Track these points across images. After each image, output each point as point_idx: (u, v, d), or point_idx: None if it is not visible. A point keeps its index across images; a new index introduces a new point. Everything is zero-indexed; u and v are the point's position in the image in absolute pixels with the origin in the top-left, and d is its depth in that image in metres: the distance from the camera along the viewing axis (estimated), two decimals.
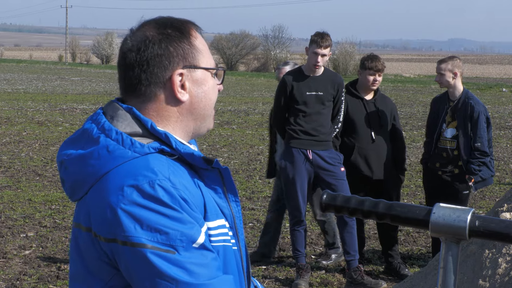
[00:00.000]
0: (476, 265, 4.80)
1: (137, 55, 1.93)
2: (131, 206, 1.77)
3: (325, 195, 1.77)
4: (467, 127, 6.85)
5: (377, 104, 7.14)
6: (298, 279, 6.83)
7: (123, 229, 1.77)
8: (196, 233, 1.79)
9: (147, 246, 1.75)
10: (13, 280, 6.92)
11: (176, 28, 1.96)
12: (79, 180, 1.89)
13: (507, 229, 1.57)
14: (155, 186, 1.78)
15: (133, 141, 1.86)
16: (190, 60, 1.96)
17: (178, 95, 1.94)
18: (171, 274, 1.75)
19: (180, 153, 1.89)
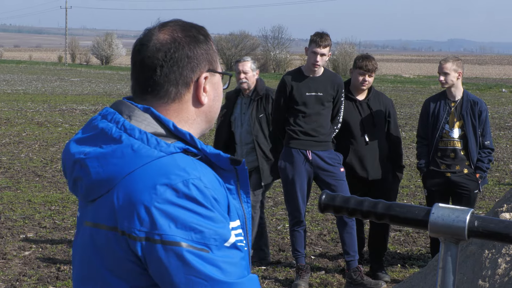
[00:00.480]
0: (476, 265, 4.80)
1: (167, 55, 1.94)
2: (166, 204, 1.77)
3: (324, 196, 1.77)
4: (475, 126, 6.85)
5: (370, 104, 7.12)
6: (298, 279, 6.82)
7: (157, 227, 1.76)
8: (228, 232, 1.81)
9: (182, 244, 1.75)
10: (12, 281, 6.92)
11: (199, 31, 2.00)
12: (99, 179, 1.87)
13: (506, 229, 1.57)
14: (189, 185, 1.79)
15: (158, 141, 1.86)
16: (213, 64, 2.00)
17: (202, 97, 1.97)
18: (206, 272, 1.75)
19: (206, 153, 1.91)
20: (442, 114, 6.92)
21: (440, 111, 6.94)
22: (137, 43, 2.01)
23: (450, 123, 6.93)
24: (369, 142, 7.05)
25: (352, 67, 7.22)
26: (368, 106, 7.11)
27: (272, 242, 8.39)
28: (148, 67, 1.95)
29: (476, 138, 6.88)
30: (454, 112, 6.92)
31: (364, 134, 7.05)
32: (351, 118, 7.07)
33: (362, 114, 7.08)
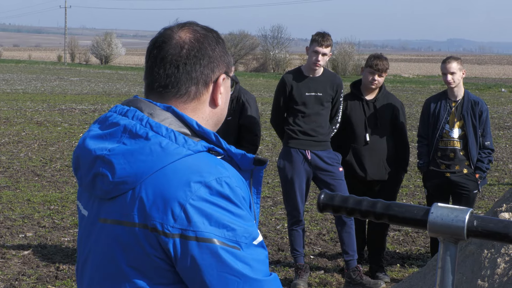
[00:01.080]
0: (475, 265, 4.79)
1: (191, 53, 1.96)
2: (200, 201, 1.79)
3: (323, 195, 1.77)
4: (476, 126, 6.86)
5: (377, 105, 7.10)
6: (297, 279, 6.82)
7: (192, 224, 1.78)
8: (256, 230, 1.84)
9: (216, 241, 1.77)
10: (11, 281, 6.92)
11: (218, 34, 2.03)
12: (125, 176, 1.86)
13: (505, 229, 1.57)
14: (222, 183, 1.81)
15: (186, 139, 1.87)
16: (229, 67, 2.04)
17: (219, 98, 2.00)
18: (239, 269, 1.77)
19: (230, 153, 1.93)
20: (443, 114, 6.93)
21: (440, 111, 6.94)
22: (157, 40, 2.00)
23: (451, 123, 6.93)
24: (370, 142, 7.04)
25: (364, 65, 7.19)
26: (374, 107, 7.09)
27: (271, 241, 8.39)
28: (170, 64, 1.96)
29: (476, 138, 6.89)
30: (454, 112, 6.92)
31: (365, 134, 7.05)
32: (354, 117, 7.06)
33: (367, 114, 7.07)
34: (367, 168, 7.03)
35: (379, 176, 7.07)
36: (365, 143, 7.05)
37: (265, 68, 61.57)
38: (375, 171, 7.05)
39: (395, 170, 7.13)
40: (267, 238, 8.54)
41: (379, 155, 7.06)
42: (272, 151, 15.17)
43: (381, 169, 7.07)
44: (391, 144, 7.12)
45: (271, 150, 15.42)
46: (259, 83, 42.72)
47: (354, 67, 54.99)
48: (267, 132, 18.20)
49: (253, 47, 64.48)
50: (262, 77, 49.94)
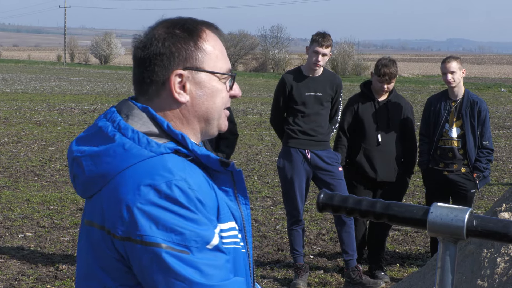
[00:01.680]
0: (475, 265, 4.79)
1: (143, 52, 1.95)
2: (148, 205, 1.78)
3: (322, 195, 1.76)
4: (474, 125, 6.86)
5: (389, 106, 7.08)
6: (297, 278, 6.82)
7: (138, 228, 1.77)
8: (211, 234, 1.80)
9: (162, 245, 1.76)
10: (11, 281, 6.92)
11: (186, 29, 1.96)
12: (92, 177, 1.89)
13: (505, 228, 1.57)
14: (172, 186, 1.79)
15: (149, 140, 1.86)
16: (192, 62, 1.95)
17: (176, 95, 1.94)
18: (185, 274, 1.75)
19: (196, 154, 1.90)
20: (443, 113, 6.94)
21: (440, 110, 6.96)
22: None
23: (450, 122, 6.93)
24: (381, 143, 7.04)
25: (373, 70, 7.12)
26: (386, 108, 7.08)
27: (271, 241, 8.39)
28: (133, 65, 1.99)
29: (474, 138, 6.89)
30: (454, 112, 6.92)
31: (377, 134, 7.04)
32: (366, 117, 7.05)
33: (378, 115, 7.05)
34: (378, 169, 7.03)
35: (389, 177, 7.08)
36: (377, 143, 7.04)
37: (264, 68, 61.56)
38: (386, 172, 7.05)
39: (402, 172, 7.13)
40: (266, 237, 8.54)
41: (389, 156, 7.06)
42: (271, 151, 15.17)
43: (391, 170, 7.07)
44: (401, 145, 7.12)
45: (271, 149, 15.42)
46: (259, 83, 42.73)
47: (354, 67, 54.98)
48: (266, 132, 18.20)
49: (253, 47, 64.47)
50: (261, 77, 49.94)
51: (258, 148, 15.80)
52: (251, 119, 21.65)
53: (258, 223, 9.24)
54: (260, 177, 12.35)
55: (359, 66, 55.15)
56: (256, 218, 9.50)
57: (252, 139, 17.25)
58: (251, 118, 21.79)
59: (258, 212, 9.80)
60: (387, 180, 7.09)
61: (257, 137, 17.51)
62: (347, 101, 7.34)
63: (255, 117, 22.21)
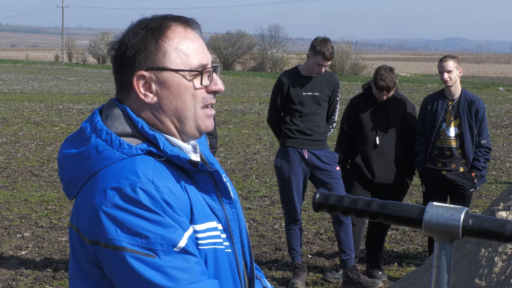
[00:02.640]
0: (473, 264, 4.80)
1: (113, 55, 1.95)
2: (113, 208, 1.77)
3: (318, 194, 1.76)
4: (472, 124, 6.86)
5: (389, 108, 7.07)
6: (295, 278, 6.83)
7: (105, 231, 1.76)
8: (178, 237, 1.78)
9: (127, 249, 1.74)
10: (9, 281, 6.91)
11: (149, 28, 1.93)
12: (71, 180, 1.90)
13: (500, 228, 1.57)
14: (136, 189, 1.77)
15: (121, 142, 1.85)
16: (154, 62, 1.91)
17: (142, 96, 1.92)
18: (149, 278, 1.74)
19: (167, 155, 1.87)
20: (440, 113, 6.94)
21: (438, 109, 6.95)
22: None
23: (447, 121, 6.93)
24: (379, 145, 7.03)
25: (372, 78, 7.04)
26: (386, 110, 7.06)
27: (269, 241, 8.39)
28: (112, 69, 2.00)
29: (472, 137, 6.89)
30: (451, 111, 6.92)
31: (375, 137, 7.03)
32: (365, 120, 7.03)
33: (378, 116, 7.04)
34: (375, 171, 7.03)
35: (386, 179, 7.07)
36: (374, 146, 7.04)
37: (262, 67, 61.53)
38: (383, 174, 7.05)
39: (402, 174, 7.12)
40: (264, 237, 8.54)
41: (387, 159, 7.05)
42: (269, 151, 15.17)
43: (389, 172, 7.07)
44: (400, 147, 7.10)
45: (269, 149, 15.42)
46: (257, 83, 42.72)
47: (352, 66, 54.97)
48: (264, 132, 18.20)
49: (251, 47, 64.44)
50: (259, 77, 49.92)
51: (256, 147, 15.80)
52: (249, 118, 21.65)
53: (256, 222, 9.24)
54: (258, 176, 12.35)
55: (357, 66, 55.16)
56: (254, 217, 9.50)
57: (250, 138, 17.25)
58: (249, 118, 21.79)
59: (256, 212, 9.80)
60: (385, 182, 7.09)
61: (255, 137, 17.51)
62: (349, 101, 7.33)
63: (253, 116, 22.21)
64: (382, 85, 6.89)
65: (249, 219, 9.44)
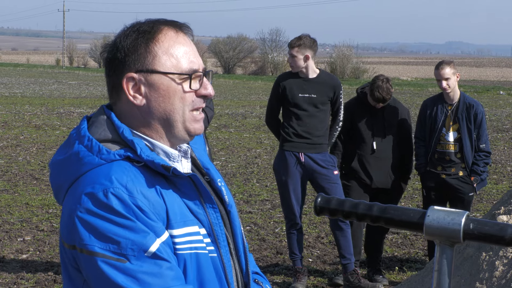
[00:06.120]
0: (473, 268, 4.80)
1: (105, 58, 1.97)
2: (86, 214, 1.79)
3: (320, 198, 1.76)
4: (471, 129, 6.86)
5: (385, 113, 7.07)
6: (295, 282, 6.82)
7: (80, 236, 1.79)
8: (149, 241, 1.78)
9: (99, 254, 1.76)
10: (10, 284, 6.92)
11: (140, 31, 1.94)
12: (58, 185, 1.93)
13: (501, 231, 1.57)
14: (108, 195, 1.79)
15: (100, 148, 1.87)
16: (144, 64, 1.92)
17: (131, 99, 1.93)
18: (120, 283, 1.75)
19: (143, 160, 1.88)
20: (440, 117, 6.94)
21: (437, 114, 6.95)
22: None
23: (447, 126, 6.94)
24: (376, 150, 7.03)
25: (369, 86, 7.01)
26: (382, 115, 7.06)
27: (270, 245, 8.39)
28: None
29: (471, 142, 6.89)
30: (450, 116, 6.93)
31: (372, 142, 7.03)
32: (362, 125, 7.03)
33: (374, 122, 7.04)
34: (373, 176, 7.03)
35: (384, 184, 7.08)
36: (372, 151, 7.04)
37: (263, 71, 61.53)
38: (381, 179, 7.06)
39: (398, 178, 7.13)
40: (265, 241, 8.54)
41: (385, 163, 7.06)
42: (270, 154, 15.17)
43: (387, 177, 7.08)
44: (397, 152, 7.11)
45: (270, 153, 15.42)
46: (258, 86, 42.73)
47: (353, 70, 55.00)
48: (265, 135, 18.20)
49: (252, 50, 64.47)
50: (260, 80, 49.92)
51: (257, 151, 15.80)
52: (250, 122, 21.65)
53: (257, 226, 9.24)
54: (259, 180, 12.35)
55: (358, 69, 55.18)
56: (255, 221, 9.50)
57: (251, 142, 17.25)
58: (250, 121, 21.79)
59: (257, 216, 9.80)
60: (382, 187, 7.09)
61: (256, 140, 17.51)
62: (344, 105, 7.31)
63: (254, 120, 22.21)
64: (378, 97, 6.90)
65: (250, 222, 9.44)
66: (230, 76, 56.07)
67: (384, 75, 7.17)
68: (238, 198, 10.82)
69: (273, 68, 60.84)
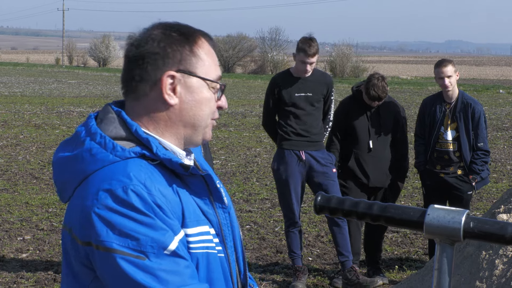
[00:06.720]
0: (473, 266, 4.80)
1: (136, 50, 1.93)
2: (104, 210, 1.78)
3: (320, 197, 1.76)
4: (469, 128, 6.86)
5: (381, 112, 7.07)
6: (295, 281, 6.83)
7: (96, 233, 1.77)
8: (168, 239, 1.78)
9: (117, 251, 1.76)
10: (10, 283, 6.92)
11: (182, 33, 1.95)
12: (64, 182, 1.91)
13: (501, 230, 1.57)
14: (128, 191, 1.79)
15: (114, 145, 1.86)
16: (186, 65, 1.93)
17: (166, 96, 1.92)
18: (139, 280, 1.75)
19: (159, 158, 1.88)
20: (438, 116, 6.94)
21: (436, 113, 6.96)
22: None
23: (445, 125, 6.94)
24: (373, 149, 7.02)
25: (364, 85, 7.00)
26: (377, 113, 7.06)
27: (270, 243, 8.40)
28: (124, 63, 1.98)
29: (469, 140, 6.89)
30: (448, 114, 6.93)
31: (369, 141, 7.03)
32: (358, 123, 7.02)
33: (370, 121, 7.03)
34: (370, 175, 7.03)
35: (380, 183, 7.08)
36: (368, 149, 7.03)
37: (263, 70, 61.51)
38: (378, 178, 7.05)
39: (395, 177, 7.13)
40: (265, 240, 8.55)
41: (382, 162, 7.05)
42: (270, 153, 15.17)
43: (383, 176, 7.07)
44: (393, 150, 7.11)
45: (269, 152, 15.42)
46: (257, 85, 42.72)
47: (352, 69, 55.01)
48: (265, 134, 18.19)
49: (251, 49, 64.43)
50: (260, 79, 49.92)
51: (256, 150, 15.80)
52: (249, 121, 21.66)
53: (256, 225, 9.24)
54: (258, 179, 12.35)
55: (357, 68, 55.18)
56: (255, 220, 9.50)
57: (250, 141, 17.25)
58: (249, 120, 21.80)
59: (257, 214, 9.81)
60: (379, 186, 7.09)
61: (255, 139, 17.52)
62: (339, 104, 7.31)
63: (253, 119, 22.21)
64: (373, 95, 6.88)
65: (250, 221, 9.44)
66: (230, 75, 56.05)
67: (379, 73, 7.14)
68: (238, 197, 10.82)
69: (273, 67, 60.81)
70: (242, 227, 9.11)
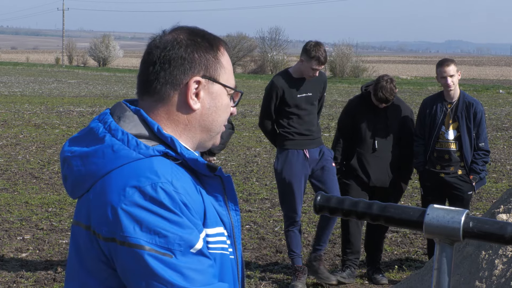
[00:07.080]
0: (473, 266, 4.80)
1: (162, 53, 1.94)
2: (132, 207, 1.78)
3: (319, 197, 1.77)
4: (470, 127, 6.86)
5: (388, 113, 7.07)
6: (295, 280, 6.83)
7: (122, 229, 1.77)
8: (195, 238, 1.79)
9: (145, 247, 1.75)
10: (9, 283, 6.92)
11: (206, 39, 1.98)
12: (81, 178, 1.90)
13: (501, 230, 1.57)
14: (157, 189, 1.79)
15: (138, 142, 1.86)
16: (211, 72, 1.96)
17: (190, 101, 1.94)
18: (166, 277, 1.75)
19: (184, 158, 1.90)
20: (439, 116, 6.94)
21: (437, 112, 6.95)
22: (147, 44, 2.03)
23: (446, 124, 6.93)
24: (378, 150, 7.02)
25: (373, 86, 6.99)
26: (385, 114, 7.05)
27: (269, 243, 8.40)
28: (146, 64, 1.97)
29: (470, 140, 6.89)
30: (449, 114, 6.92)
31: (374, 141, 7.02)
32: (364, 124, 7.01)
33: (377, 121, 7.03)
34: (371, 174, 7.03)
35: (382, 183, 7.08)
36: (372, 150, 7.03)
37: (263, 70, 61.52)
38: (379, 178, 7.05)
39: (397, 178, 7.12)
40: (265, 239, 8.55)
41: (384, 162, 7.05)
42: (270, 153, 15.18)
43: (385, 176, 7.07)
44: (397, 151, 7.10)
45: (269, 151, 15.42)
46: (257, 85, 42.73)
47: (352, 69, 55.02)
48: None
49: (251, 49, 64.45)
50: (260, 79, 49.93)
51: (256, 150, 15.80)
52: (249, 121, 21.66)
53: (256, 225, 9.24)
54: (258, 179, 12.35)
55: (357, 68, 55.20)
56: (254, 220, 9.51)
57: (250, 141, 17.26)
58: (249, 120, 21.80)
59: (257, 214, 9.81)
60: (381, 186, 7.09)
61: (255, 139, 17.52)
62: (347, 103, 7.33)
63: (253, 119, 22.21)
64: (381, 97, 6.89)
65: (250, 221, 9.44)
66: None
67: (389, 75, 7.13)
68: (238, 197, 10.80)
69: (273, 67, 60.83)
70: (242, 227, 9.12)
